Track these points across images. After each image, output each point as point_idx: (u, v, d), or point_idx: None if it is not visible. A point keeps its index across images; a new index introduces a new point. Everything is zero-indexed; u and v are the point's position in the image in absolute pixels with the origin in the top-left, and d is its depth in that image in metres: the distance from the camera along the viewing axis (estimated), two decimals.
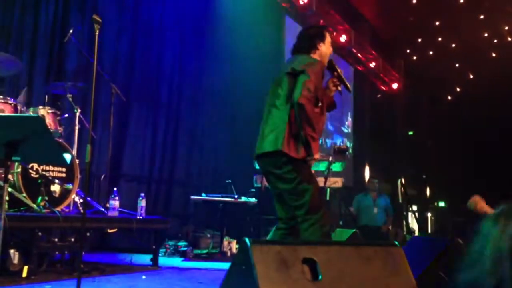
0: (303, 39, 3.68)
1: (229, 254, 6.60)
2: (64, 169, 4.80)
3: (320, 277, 1.95)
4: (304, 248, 2.01)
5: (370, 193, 8.89)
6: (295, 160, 3.25)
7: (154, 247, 5.25)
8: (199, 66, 8.57)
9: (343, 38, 11.79)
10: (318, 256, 1.99)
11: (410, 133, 15.42)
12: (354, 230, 5.89)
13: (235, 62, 9.00)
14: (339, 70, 3.66)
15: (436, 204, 15.10)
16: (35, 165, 4.51)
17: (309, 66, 3.34)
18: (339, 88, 3.67)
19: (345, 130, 12.97)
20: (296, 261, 1.94)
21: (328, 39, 3.68)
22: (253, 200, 6.93)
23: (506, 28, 12.72)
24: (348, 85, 3.74)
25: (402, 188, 7.85)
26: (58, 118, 5.10)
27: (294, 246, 2.00)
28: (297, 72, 3.35)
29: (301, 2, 10.11)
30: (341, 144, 11.65)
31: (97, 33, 3.51)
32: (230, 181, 7.09)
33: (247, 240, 1.90)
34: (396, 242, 2.24)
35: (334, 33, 11.62)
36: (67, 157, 4.73)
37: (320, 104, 3.41)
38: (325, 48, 3.63)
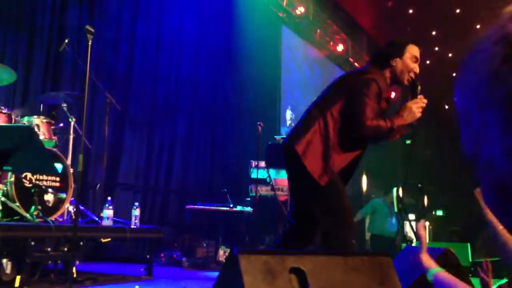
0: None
1: None
2: (58, 178, 4.79)
3: (307, 286, 1.94)
4: (292, 257, 2.00)
5: (387, 202, 8.65)
6: None
7: (148, 256, 5.23)
8: (195, 76, 8.60)
9: (340, 48, 11.85)
10: (306, 265, 1.98)
11: (408, 142, 15.40)
12: None
13: (234, 72, 9.03)
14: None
15: (434, 213, 15.06)
16: (29, 174, 4.50)
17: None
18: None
19: None
20: (283, 270, 1.94)
21: (409, 52, 3.28)
22: (249, 209, 6.94)
23: None
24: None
25: (398, 197, 7.81)
26: (53, 127, 5.09)
27: (281, 255, 2.00)
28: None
29: (297, 12, 10.15)
30: None
31: (89, 43, 3.55)
32: (225, 190, 7.10)
33: (234, 249, 1.90)
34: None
35: (331, 43, 11.70)
36: (58, 166, 4.72)
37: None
38: (401, 64, 3.27)
